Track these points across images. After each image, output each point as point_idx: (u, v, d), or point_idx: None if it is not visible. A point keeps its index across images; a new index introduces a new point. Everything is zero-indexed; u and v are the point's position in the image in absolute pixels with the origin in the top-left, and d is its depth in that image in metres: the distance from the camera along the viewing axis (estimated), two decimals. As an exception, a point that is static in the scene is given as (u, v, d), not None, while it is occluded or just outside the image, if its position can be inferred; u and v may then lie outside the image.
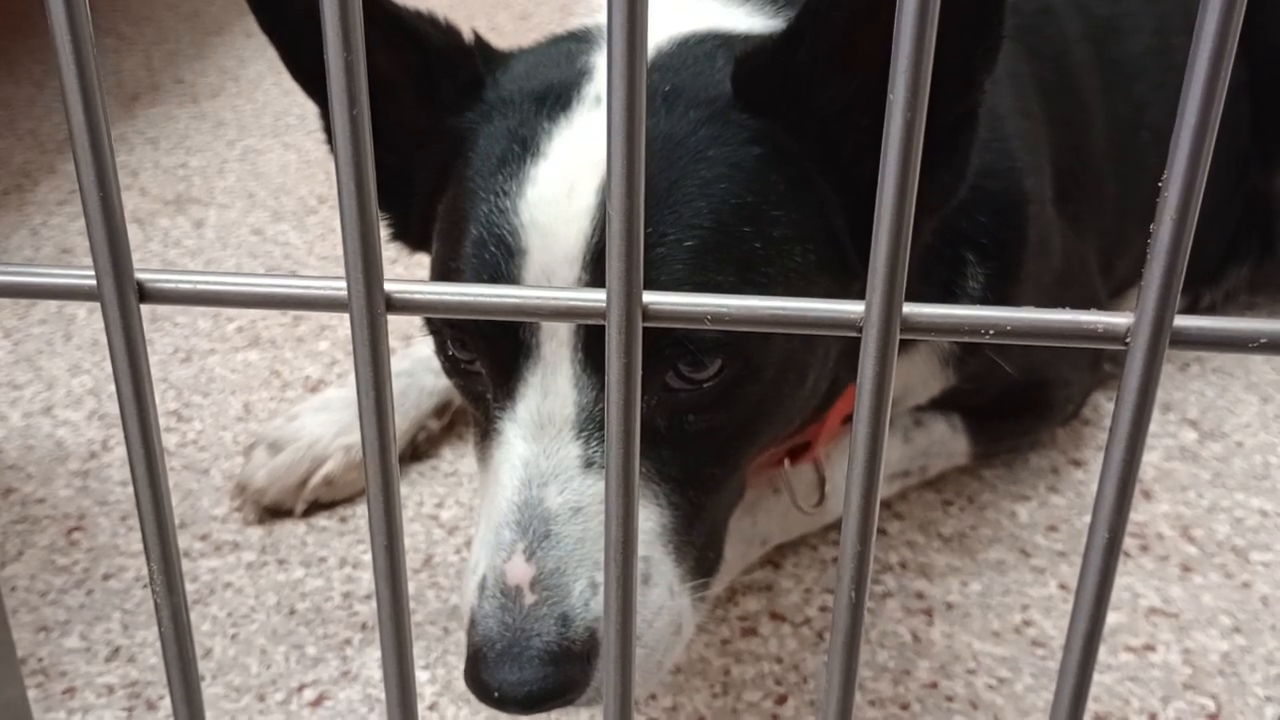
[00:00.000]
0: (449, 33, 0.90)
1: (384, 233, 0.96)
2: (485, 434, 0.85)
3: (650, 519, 0.80)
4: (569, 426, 0.79)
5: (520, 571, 0.76)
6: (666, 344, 0.77)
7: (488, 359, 0.82)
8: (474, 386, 0.85)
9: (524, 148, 0.82)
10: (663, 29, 0.91)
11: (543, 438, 0.79)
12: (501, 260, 0.80)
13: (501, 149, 0.83)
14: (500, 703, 0.74)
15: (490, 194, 0.82)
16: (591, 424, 0.78)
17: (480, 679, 0.75)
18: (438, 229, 0.89)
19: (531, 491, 0.78)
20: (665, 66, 0.87)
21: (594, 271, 0.77)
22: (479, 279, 0.80)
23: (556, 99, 0.84)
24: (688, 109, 0.82)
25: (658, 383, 0.79)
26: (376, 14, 0.84)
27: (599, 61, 0.89)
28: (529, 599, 0.76)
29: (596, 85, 0.85)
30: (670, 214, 0.79)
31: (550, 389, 0.79)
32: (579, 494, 0.78)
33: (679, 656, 0.86)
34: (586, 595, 0.76)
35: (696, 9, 0.99)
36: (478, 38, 0.92)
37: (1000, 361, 1.10)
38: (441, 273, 0.86)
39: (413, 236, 0.98)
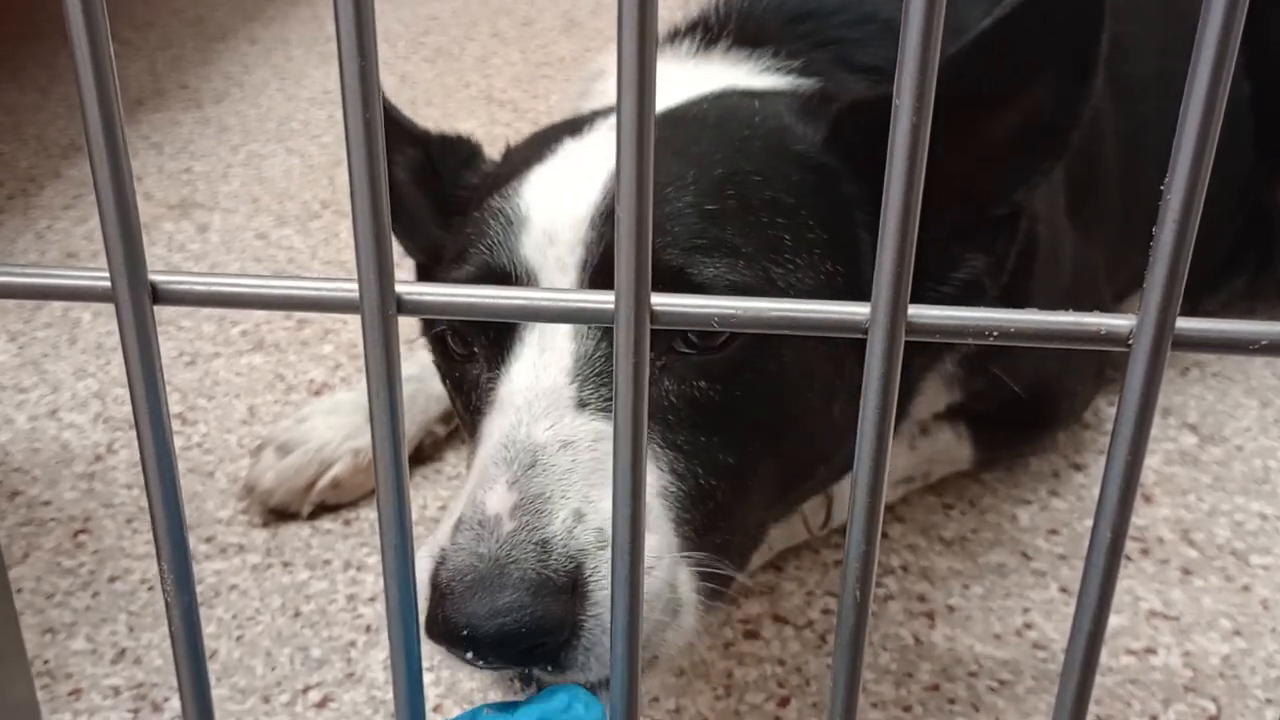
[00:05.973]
0: (451, 136, 1.02)
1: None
2: (478, 411, 0.82)
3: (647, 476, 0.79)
4: (564, 373, 0.76)
5: (500, 499, 0.70)
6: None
7: (485, 333, 0.81)
8: (469, 373, 0.84)
9: (529, 166, 0.87)
10: (683, 91, 0.95)
11: (536, 387, 0.76)
12: (502, 230, 0.81)
13: (508, 175, 0.88)
14: (470, 641, 0.66)
15: (497, 196, 0.86)
16: (589, 369, 0.75)
17: (447, 618, 0.66)
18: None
19: (520, 431, 0.74)
20: (706, 109, 0.91)
21: (601, 228, 0.78)
22: (480, 253, 0.82)
23: (568, 129, 0.91)
24: (742, 127, 0.86)
25: (663, 344, 0.77)
26: (398, 134, 1.00)
27: (604, 118, 0.93)
28: (507, 526, 0.69)
29: (609, 119, 0.90)
30: (699, 174, 0.81)
31: (548, 344, 0.77)
32: (571, 429, 0.73)
33: (675, 651, 0.76)
34: (570, 524, 0.69)
35: (707, 71, 1.04)
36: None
37: (1006, 379, 1.10)
38: (448, 263, 0.88)
39: None
